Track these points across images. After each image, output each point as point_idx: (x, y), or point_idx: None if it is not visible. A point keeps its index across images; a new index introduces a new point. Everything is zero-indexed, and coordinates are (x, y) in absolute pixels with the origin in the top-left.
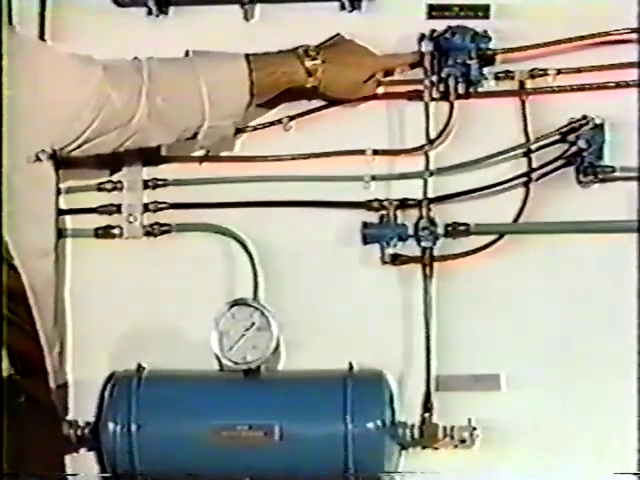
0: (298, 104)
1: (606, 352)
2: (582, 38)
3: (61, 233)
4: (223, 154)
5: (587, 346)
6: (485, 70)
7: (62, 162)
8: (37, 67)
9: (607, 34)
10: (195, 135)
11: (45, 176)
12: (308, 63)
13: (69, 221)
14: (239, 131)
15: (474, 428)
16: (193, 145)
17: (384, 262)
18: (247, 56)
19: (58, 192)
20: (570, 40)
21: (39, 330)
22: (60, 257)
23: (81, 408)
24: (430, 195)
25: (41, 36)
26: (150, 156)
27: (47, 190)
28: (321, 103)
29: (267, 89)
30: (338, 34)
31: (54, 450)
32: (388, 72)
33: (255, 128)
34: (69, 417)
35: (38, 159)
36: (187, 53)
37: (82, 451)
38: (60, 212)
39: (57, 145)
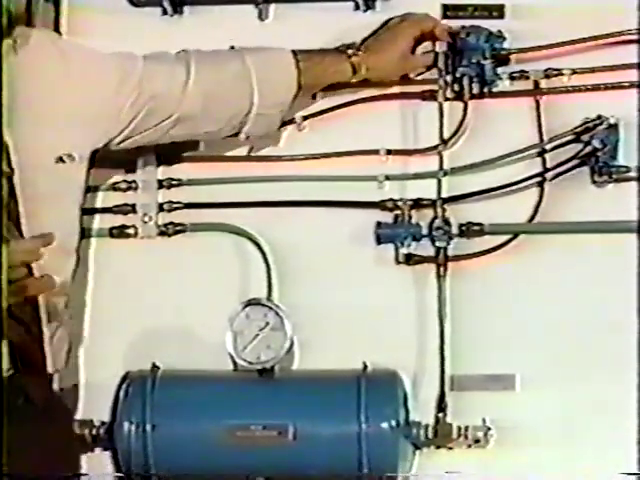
0: (310, 104)
1: (621, 352)
2: (597, 38)
3: (84, 233)
4: (234, 154)
5: (602, 346)
6: (499, 70)
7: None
8: (76, 69)
9: (622, 34)
10: (241, 126)
11: (70, 178)
12: (352, 56)
13: (84, 221)
14: (284, 124)
15: (488, 428)
16: (239, 134)
17: (398, 262)
18: (293, 50)
19: (87, 192)
20: (585, 40)
21: (44, 330)
22: (83, 257)
23: (96, 408)
24: (444, 195)
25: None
26: (165, 156)
27: (72, 191)
28: (334, 103)
29: (314, 79)
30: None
31: (54, 452)
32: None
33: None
34: (85, 417)
35: (62, 161)
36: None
37: (97, 451)
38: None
39: (99, 144)
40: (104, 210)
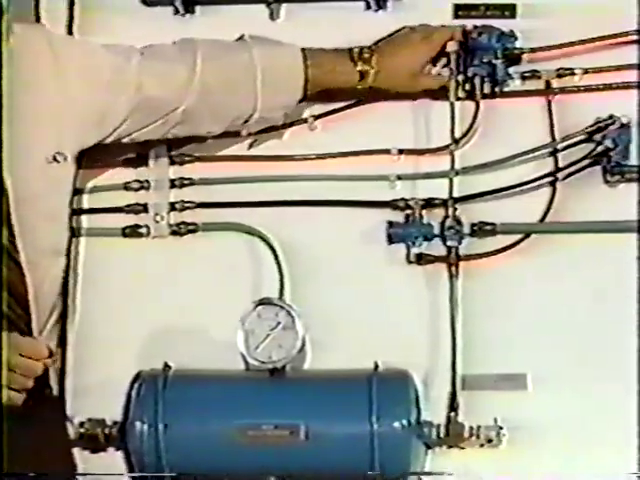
0: (322, 104)
1: (633, 352)
2: (608, 37)
3: (81, 232)
4: (245, 154)
5: (614, 346)
6: (511, 70)
7: (88, 161)
8: (67, 66)
9: (633, 33)
10: (244, 123)
11: (62, 177)
12: (361, 66)
13: (96, 220)
14: (293, 123)
15: (500, 427)
16: (241, 129)
17: (409, 261)
18: (303, 50)
19: (75, 192)
20: (596, 39)
21: (34, 330)
22: (81, 256)
23: (108, 407)
24: (456, 194)
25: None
26: (177, 155)
27: (63, 191)
28: (346, 102)
29: (321, 86)
30: (405, 27)
31: (40, 454)
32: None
33: (281, 127)
34: (97, 416)
35: (55, 160)
36: (242, 37)
37: (110, 450)
38: (85, 211)
39: (90, 142)
40: (116, 210)
